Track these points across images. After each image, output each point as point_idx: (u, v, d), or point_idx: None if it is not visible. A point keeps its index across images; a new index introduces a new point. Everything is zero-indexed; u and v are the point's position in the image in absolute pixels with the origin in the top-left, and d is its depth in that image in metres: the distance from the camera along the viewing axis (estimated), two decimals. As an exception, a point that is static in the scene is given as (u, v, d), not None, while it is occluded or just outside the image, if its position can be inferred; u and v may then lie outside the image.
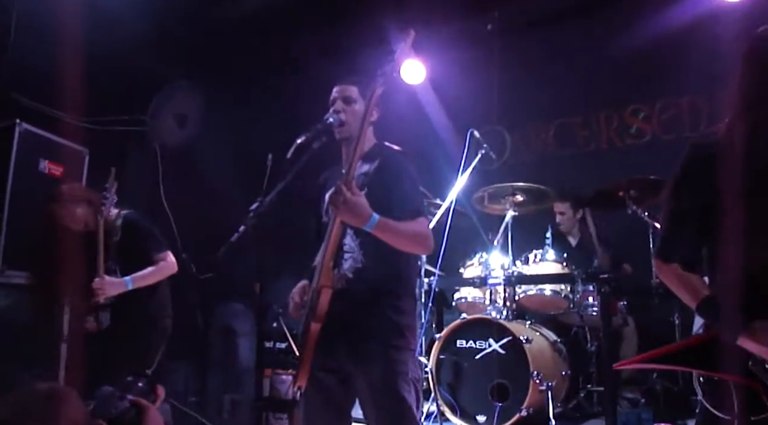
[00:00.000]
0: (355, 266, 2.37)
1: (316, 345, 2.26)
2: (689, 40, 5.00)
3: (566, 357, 4.07)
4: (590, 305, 4.16)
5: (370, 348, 2.30)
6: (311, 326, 2.25)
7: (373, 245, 2.30)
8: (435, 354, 3.88)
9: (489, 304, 4.16)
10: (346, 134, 2.49)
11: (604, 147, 5.66)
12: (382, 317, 2.33)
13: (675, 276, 1.84)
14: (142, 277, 3.51)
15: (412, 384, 2.35)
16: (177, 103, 5.76)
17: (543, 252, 4.22)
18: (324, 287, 2.24)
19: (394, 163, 2.44)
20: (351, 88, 2.56)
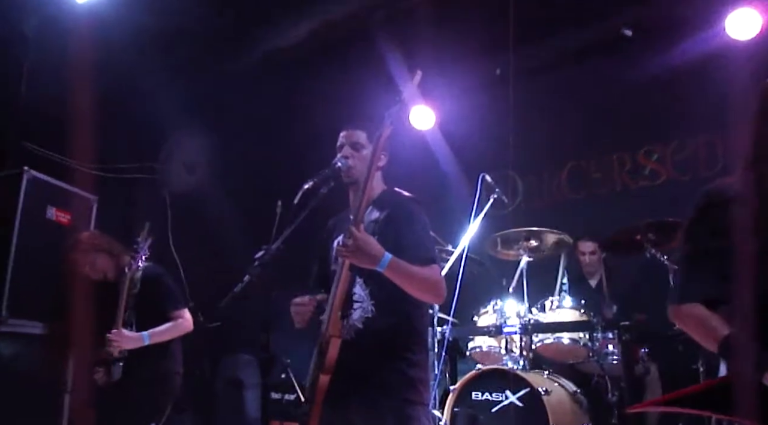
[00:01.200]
0: (365, 316, 2.31)
1: (325, 397, 2.16)
2: (702, 79, 4.96)
3: (587, 408, 3.88)
4: (610, 353, 4.00)
5: (381, 404, 2.22)
6: (320, 378, 2.16)
7: (384, 294, 2.23)
8: (449, 407, 3.73)
9: (505, 353, 4.01)
10: (354, 179, 2.45)
11: (618, 189, 5.58)
12: (394, 371, 2.25)
13: (692, 318, 1.77)
14: (159, 333, 3.48)
15: None
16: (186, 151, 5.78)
17: (560, 299, 4.09)
18: (333, 337, 2.16)
19: (405, 209, 2.39)
20: (358, 132, 2.54)
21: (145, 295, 3.51)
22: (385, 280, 2.20)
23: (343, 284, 2.22)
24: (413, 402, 2.26)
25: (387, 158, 2.56)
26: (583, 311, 4.02)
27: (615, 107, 5.51)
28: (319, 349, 2.24)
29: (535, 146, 5.71)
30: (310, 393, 2.22)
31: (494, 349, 4.13)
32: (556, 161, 5.87)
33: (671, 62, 5.09)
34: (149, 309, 3.50)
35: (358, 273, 2.26)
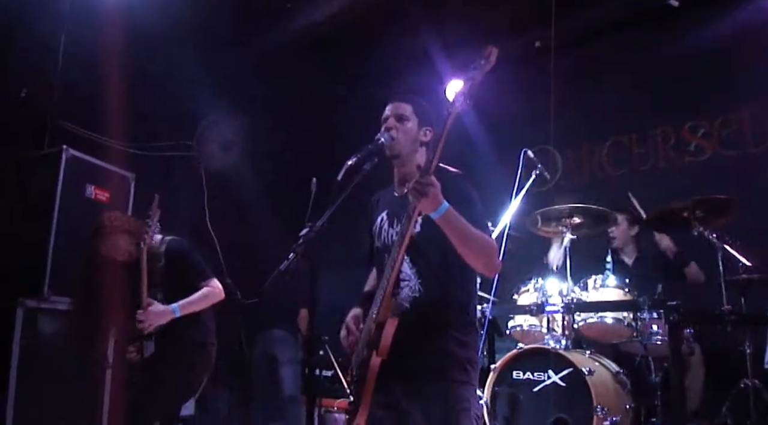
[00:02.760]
0: (412, 295, 2.28)
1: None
2: (747, 50, 4.79)
3: (629, 389, 3.81)
4: (654, 333, 3.91)
5: (430, 384, 2.19)
6: (372, 359, 2.13)
7: (431, 273, 2.19)
8: (490, 386, 3.70)
9: (546, 333, 3.95)
10: (397, 153, 2.40)
11: (662, 165, 5.43)
12: (443, 351, 2.21)
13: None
14: (189, 304, 3.43)
15: (474, 421, 2.23)
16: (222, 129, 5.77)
17: (603, 278, 4.00)
18: (390, 318, 2.12)
19: (459, 187, 2.32)
20: (404, 105, 2.48)
21: (171, 269, 3.48)
22: (433, 258, 2.15)
23: (398, 263, 2.19)
24: (462, 382, 2.22)
25: (432, 133, 2.48)
26: (627, 291, 3.93)
27: (658, 80, 5.35)
28: (367, 329, 2.21)
29: (575, 120, 5.57)
30: (359, 373, 2.20)
31: (535, 328, 4.08)
32: (596, 136, 5.74)
33: (716, 34, 4.94)
34: (176, 284, 3.47)
35: (406, 251, 2.20)
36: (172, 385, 3.43)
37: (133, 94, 4.75)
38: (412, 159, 2.45)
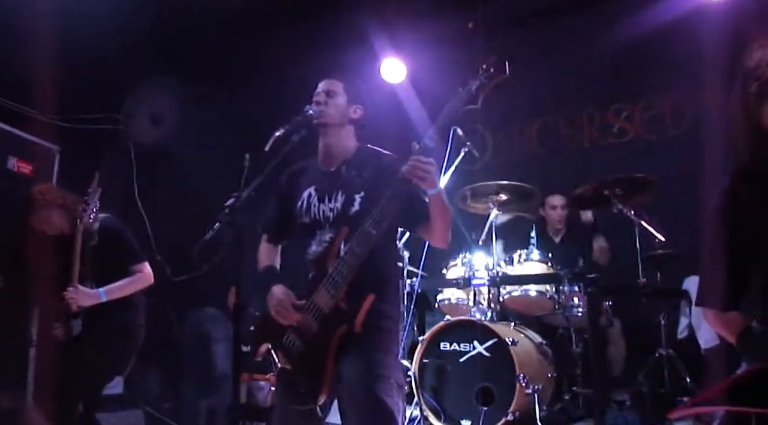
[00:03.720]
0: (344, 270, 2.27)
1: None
2: (672, 39, 4.99)
3: (552, 359, 3.98)
4: (576, 306, 4.08)
5: (352, 352, 2.22)
6: (337, 333, 2.20)
7: (362, 249, 2.21)
8: (418, 357, 3.78)
9: (473, 306, 4.07)
10: (325, 122, 2.43)
11: (586, 146, 5.63)
12: (366, 321, 2.22)
13: (717, 320, 1.85)
14: (117, 289, 3.38)
15: (396, 388, 2.27)
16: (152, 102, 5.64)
17: (528, 252, 4.15)
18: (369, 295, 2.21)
19: (395, 168, 2.30)
20: (335, 82, 2.52)
21: (103, 248, 3.41)
22: (364, 236, 2.19)
23: (338, 241, 2.26)
24: (383, 350, 2.28)
25: (362, 111, 2.52)
26: (550, 265, 4.08)
27: (585, 65, 5.50)
28: (320, 304, 2.25)
29: (506, 101, 5.68)
30: (312, 350, 2.25)
31: (462, 301, 4.19)
32: (526, 117, 5.88)
33: (643, 23, 5.08)
34: (108, 263, 3.40)
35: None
36: (98, 365, 3.38)
37: (60, 65, 4.58)
38: (340, 134, 2.48)
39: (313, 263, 2.39)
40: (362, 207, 2.32)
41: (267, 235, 2.64)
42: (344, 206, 2.37)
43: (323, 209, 2.42)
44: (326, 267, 2.27)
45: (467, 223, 4.33)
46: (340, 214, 2.37)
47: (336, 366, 2.21)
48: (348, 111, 2.49)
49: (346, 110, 2.48)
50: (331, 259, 2.27)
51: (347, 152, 2.49)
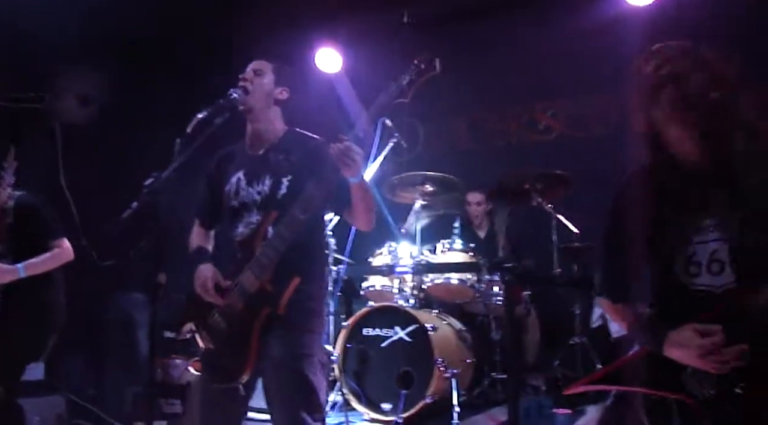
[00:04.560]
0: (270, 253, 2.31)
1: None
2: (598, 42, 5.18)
3: (471, 345, 4.13)
4: (495, 294, 4.24)
5: (277, 333, 2.27)
6: (261, 314, 2.23)
7: (289, 232, 2.25)
8: (341, 342, 3.86)
9: (397, 292, 4.17)
10: (249, 107, 2.44)
11: (514, 142, 5.82)
12: (293, 302, 2.27)
13: (611, 309, 1.99)
14: (35, 265, 3.33)
15: (319, 366, 2.33)
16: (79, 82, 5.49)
17: (451, 242, 4.27)
18: (294, 277, 2.25)
19: (322, 153, 2.33)
20: (264, 62, 2.53)
21: (20, 225, 3.34)
22: (291, 220, 2.23)
23: (265, 224, 2.30)
24: (306, 330, 2.33)
25: (288, 94, 2.54)
26: (472, 255, 4.21)
27: (515, 62, 5.67)
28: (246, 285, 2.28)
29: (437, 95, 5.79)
30: (236, 330, 2.29)
31: (387, 288, 4.28)
32: (456, 112, 6.03)
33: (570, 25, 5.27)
34: (25, 240, 3.34)
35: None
36: (18, 344, 3.32)
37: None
38: (266, 116, 2.49)
39: (240, 244, 2.41)
40: (290, 190, 2.34)
41: (198, 220, 2.65)
42: (272, 190, 2.38)
43: (251, 193, 2.43)
44: (253, 249, 2.30)
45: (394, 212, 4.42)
46: (268, 197, 2.39)
47: (260, 345, 2.25)
48: (274, 92, 2.50)
49: (272, 91, 2.49)
50: (258, 241, 2.30)
51: (275, 136, 2.50)
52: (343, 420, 3.52)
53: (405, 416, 3.57)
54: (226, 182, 2.52)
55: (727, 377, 1.64)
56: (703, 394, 1.68)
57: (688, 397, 1.69)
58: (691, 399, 1.68)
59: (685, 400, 1.69)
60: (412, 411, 3.58)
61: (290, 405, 2.23)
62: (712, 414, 1.65)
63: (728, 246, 1.73)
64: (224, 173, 2.56)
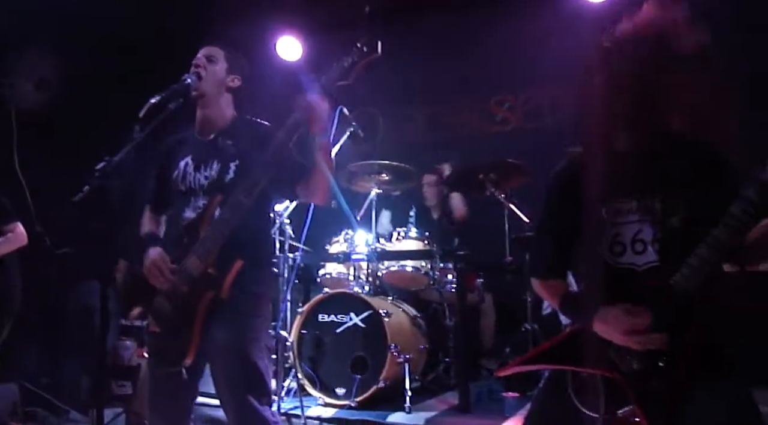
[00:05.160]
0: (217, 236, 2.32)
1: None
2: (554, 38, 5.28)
3: (425, 331, 4.20)
4: (449, 282, 4.33)
5: (223, 316, 2.29)
6: (204, 297, 2.26)
7: (235, 215, 2.28)
8: (297, 328, 3.89)
9: (352, 280, 4.23)
10: (202, 93, 2.46)
11: (471, 134, 5.92)
12: (236, 284, 2.31)
13: (544, 288, 2.07)
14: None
15: (265, 351, 2.37)
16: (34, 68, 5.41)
17: (406, 230, 4.33)
18: (237, 261, 2.27)
19: (270, 138, 2.37)
20: (217, 49, 2.54)
21: None
22: (235, 204, 2.27)
23: (211, 208, 2.32)
24: (253, 314, 2.37)
25: (240, 82, 2.57)
26: (427, 242, 4.29)
27: (474, 55, 5.75)
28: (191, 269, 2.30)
29: (398, 87, 5.89)
30: (182, 313, 2.30)
31: (343, 275, 4.34)
32: (415, 104, 6.11)
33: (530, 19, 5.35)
34: None
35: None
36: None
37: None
38: (217, 103, 2.51)
39: (186, 228, 2.43)
40: (237, 175, 2.37)
41: (149, 205, 2.67)
42: (219, 175, 2.41)
43: (198, 178, 2.45)
44: (199, 233, 2.33)
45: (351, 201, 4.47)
46: (215, 182, 2.41)
47: (204, 329, 2.27)
48: (226, 79, 2.52)
49: (224, 78, 2.51)
50: (204, 225, 2.33)
51: (224, 122, 2.52)
52: (297, 405, 3.56)
53: (358, 400, 3.63)
54: (174, 168, 2.53)
55: (651, 352, 1.73)
56: (628, 369, 1.77)
57: (613, 372, 1.78)
58: (617, 374, 1.77)
59: (611, 375, 1.78)
60: (365, 395, 3.64)
61: (237, 389, 2.26)
62: (636, 388, 1.74)
63: (651, 227, 1.82)
64: (173, 158, 2.57)
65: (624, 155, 1.85)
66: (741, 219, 1.58)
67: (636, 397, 1.73)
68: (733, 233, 1.61)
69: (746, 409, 1.69)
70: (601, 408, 1.78)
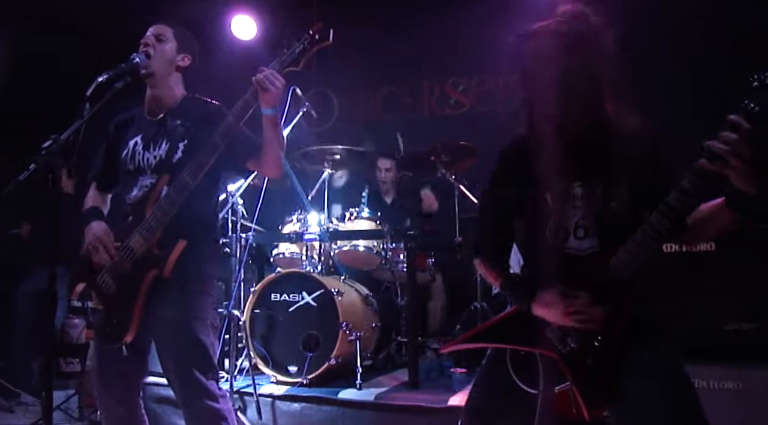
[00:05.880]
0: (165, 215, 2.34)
1: None
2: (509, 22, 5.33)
3: (377, 310, 4.26)
4: (400, 261, 4.40)
5: (168, 295, 2.31)
6: (147, 276, 2.28)
7: (180, 195, 2.30)
8: (249, 308, 3.92)
9: (305, 259, 4.27)
10: (151, 72, 2.46)
11: (426, 115, 5.99)
12: (182, 263, 2.33)
13: (483, 266, 2.11)
14: None
15: (211, 328, 2.40)
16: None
17: (359, 210, 4.38)
18: (180, 241, 2.30)
19: (218, 117, 2.39)
20: (166, 28, 2.53)
21: None
22: (181, 184, 2.28)
23: (158, 188, 2.34)
24: (198, 292, 2.40)
25: (191, 60, 2.57)
26: (379, 223, 4.35)
27: (429, 38, 5.80)
28: (135, 246, 2.33)
29: (354, 68, 5.90)
30: (124, 292, 2.32)
31: (296, 255, 4.37)
32: (371, 85, 6.14)
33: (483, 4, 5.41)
34: None
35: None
36: None
37: None
38: (167, 82, 2.51)
39: (132, 207, 2.45)
40: (185, 155, 2.38)
41: (95, 182, 2.66)
42: (168, 154, 2.42)
43: (147, 157, 2.46)
44: (145, 212, 2.34)
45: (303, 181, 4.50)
46: (163, 161, 2.42)
47: (147, 307, 2.29)
48: (176, 58, 2.52)
49: (173, 57, 2.51)
50: (151, 204, 2.34)
51: (173, 101, 2.53)
52: (250, 383, 3.60)
53: (310, 377, 3.68)
54: (123, 147, 2.54)
55: (587, 332, 1.82)
56: (565, 348, 1.86)
57: (550, 352, 1.87)
58: (554, 353, 1.86)
59: (548, 354, 1.86)
60: (317, 373, 3.69)
61: (183, 365, 2.30)
62: (572, 366, 1.83)
63: (592, 213, 1.89)
64: (122, 137, 2.58)
65: (568, 141, 1.89)
66: (675, 208, 1.64)
67: (572, 375, 1.82)
68: (668, 220, 1.67)
69: (677, 379, 1.76)
70: (540, 384, 1.86)
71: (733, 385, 2.81)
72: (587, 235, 1.90)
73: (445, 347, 2.27)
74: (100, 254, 2.38)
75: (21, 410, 4.51)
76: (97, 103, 2.35)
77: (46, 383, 2.37)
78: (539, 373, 1.87)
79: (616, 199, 1.85)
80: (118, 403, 2.43)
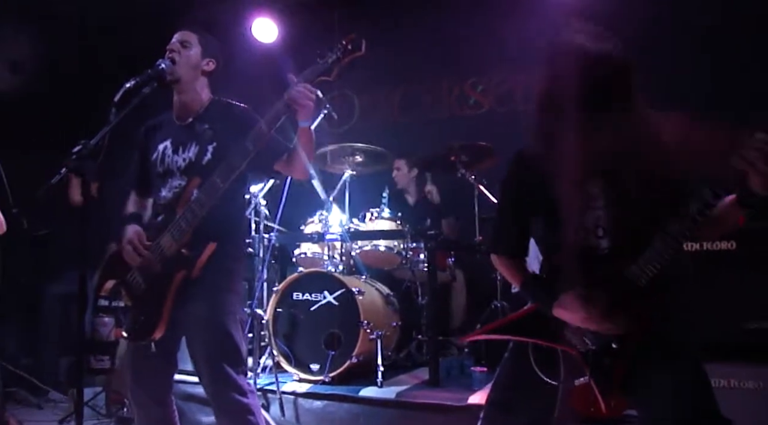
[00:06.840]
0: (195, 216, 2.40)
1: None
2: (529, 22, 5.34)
3: (398, 309, 4.30)
4: (421, 261, 4.44)
5: (197, 291, 2.39)
6: (177, 276, 2.35)
7: (212, 196, 2.35)
8: (272, 306, 3.98)
9: (327, 259, 4.32)
10: (177, 78, 2.52)
11: (446, 115, 6.01)
12: (211, 263, 2.40)
13: (502, 265, 2.14)
14: None
15: (239, 324, 2.47)
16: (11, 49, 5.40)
17: (379, 210, 4.43)
18: (210, 243, 2.37)
19: (246, 119, 2.47)
20: (190, 34, 2.60)
21: None
22: (211, 187, 2.34)
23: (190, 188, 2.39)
24: (227, 289, 2.47)
25: (216, 65, 2.63)
26: (399, 222, 4.39)
27: (449, 39, 5.82)
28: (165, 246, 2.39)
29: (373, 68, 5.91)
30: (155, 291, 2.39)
31: (318, 255, 4.42)
32: (391, 84, 6.18)
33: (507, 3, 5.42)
34: None
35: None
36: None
37: None
38: (193, 87, 2.57)
39: (163, 207, 2.52)
40: (214, 158, 2.45)
41: (133, 189, 2.74)
42: (197, 157, 2.49)
43: (176, 160, 2.53)
44: (175, 212, 2.41)
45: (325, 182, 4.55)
46: (193, 163, 2.49)
47: (176, 306, 2.36)
48: (201, 63, 2.58)
49: (199, 62, 2.57)
50: (181, 205, 2.40)
51: (201, 106, 2.59)
52: (273, 381, 3.66)
53: (332, 375, 3.73)
54: (153, 151, 2.61)
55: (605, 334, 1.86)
56: (584, 348, 1.90)
57: (571, 348, 1.91)
58: (574, 350, 1.91)
59: (569, 351, 1.91)
60: (339, 371, 3.74)
61: (213, 358, 2.37)
62: (591, 364, 1.88)
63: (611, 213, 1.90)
64: (151, 142, 2.65)
65: (584, 141, 1.87)
66: (697, 220, 1.68)
67: (590, 371, 1.87)
68: (689, 231, 1.70)
69: (692, 387, 1.78)
70: (561, 377, 1.91)
71: (754, 385, 2.81)
72: (606, 234, 1.92)
73: (466, 336, 2.30)
74: (131, 254, 2.46)
75: (49, 406, 4.62)
76: (125, 108, 2.43)
77: (78, 380, 2.45)
78: (560, 366, 1.92)
79: (636, 199, 1.85)
80: (152, 400, 2.50)
